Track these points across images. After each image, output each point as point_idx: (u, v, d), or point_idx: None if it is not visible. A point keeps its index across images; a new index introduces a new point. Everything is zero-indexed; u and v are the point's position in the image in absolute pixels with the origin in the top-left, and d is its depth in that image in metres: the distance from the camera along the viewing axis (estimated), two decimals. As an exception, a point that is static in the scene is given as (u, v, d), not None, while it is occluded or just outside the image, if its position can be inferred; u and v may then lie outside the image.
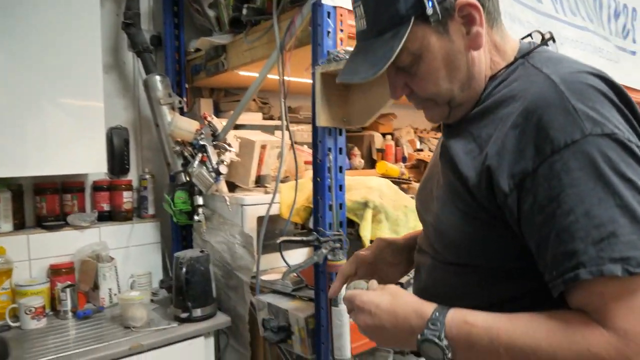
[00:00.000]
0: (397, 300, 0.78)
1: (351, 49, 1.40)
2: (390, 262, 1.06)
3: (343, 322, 1.47)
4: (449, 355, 0.70)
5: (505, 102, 0.76)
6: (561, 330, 0.64)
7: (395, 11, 0.77)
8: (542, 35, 0.85)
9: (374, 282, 0.88)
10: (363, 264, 1.09)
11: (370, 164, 2.83)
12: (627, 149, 0.65)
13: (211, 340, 1.89)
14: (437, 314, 0.72)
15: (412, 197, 2.13)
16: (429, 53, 0.79)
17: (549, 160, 0.66)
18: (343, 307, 1.47)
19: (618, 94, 0.69)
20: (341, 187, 1.47)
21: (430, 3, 0.75)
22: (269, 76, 1.78)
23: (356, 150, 2.79)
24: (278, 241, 1.49)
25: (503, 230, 0.73)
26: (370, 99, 1.39)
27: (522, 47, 0.84)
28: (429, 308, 0.74)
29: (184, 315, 1.82)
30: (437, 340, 0.70)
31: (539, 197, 0.67)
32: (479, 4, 0.77)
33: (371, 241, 1.56)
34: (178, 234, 2.32)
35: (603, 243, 0.62)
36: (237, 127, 2.23)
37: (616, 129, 0.65)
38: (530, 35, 0.88)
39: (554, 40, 0.85)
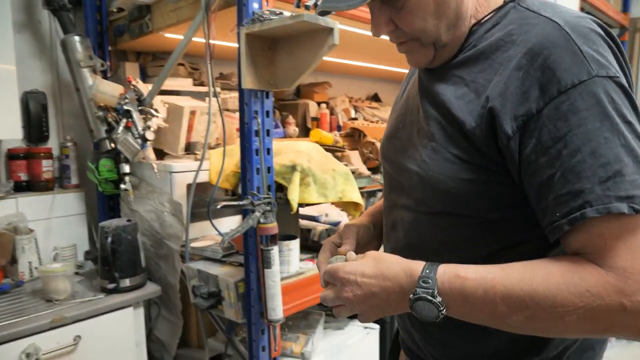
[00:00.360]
0: (382, 263, 0.74)
1: (277, 10, 1.38)
2: (364, 242, 1.00)
3: (276, 282, 1.48)
4: (444, 311, 0.68)
5: (503, 46, 0.74)
6: (558, 275, 0.63)
7: None
8: None
9: (352, 254, 0.84)
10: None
11: (305, 132, 2.83)
12: (627, 92, 0.67)
13: (141, 311, 1.85)
14: (427, 270, 0.70)
15: (345, 164, 2.15)
16: None
17: (554, 101, 0.65)
18: (276, 269, 1.47)
19: (613, 41, 0.70)
20: (269, 151, 1.46)
21: None
22: (196, 39, 1.72)
23: (291, 119, 2.77)
24: (218, 206, 1.47)
25: (502, 177, 0.72)
26: (296, 61, 1.37)
27: None
28: (417, 266, 0.71)
29: (111, 286, 1.77)
30: (430, 298, 0.68)
31: (543, 138, 0.66)
32: None
33: (300, 205, 1.57)
34: (104, 204, 2.24)
35: (609, 182, 0.62)
36: (167, 93, 2.15)
37: (618, 73, 0.67)
38: None
39: None
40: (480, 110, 0.72)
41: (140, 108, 1.90)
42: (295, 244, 1.64)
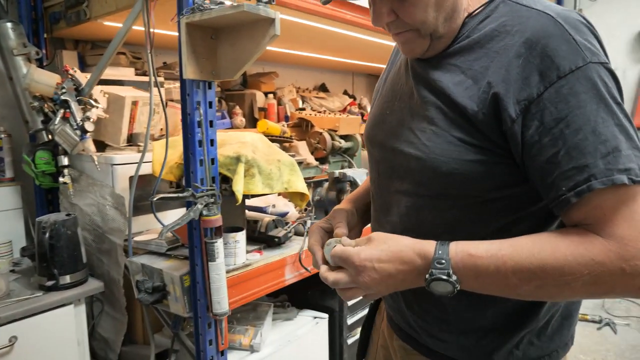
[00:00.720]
0: (395, 246, 0.78)
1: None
2: (350, 227, 1.01)
3: (220, 275, 1.46)
4: (458, 287, 0.74)
5: (497, 36, 0.79)
6: (565, 247, 0.69)
7: None
8: None
9: (345, 239, 0.86)
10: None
11: (252, 122, 2.81)
12: (615, 77, 0.74)
13: (82, 308, 1.79)
14: (440, 251, 0.75)
15: (291, 155, 2.16)
16: None
17: (555, 85, 0.71)
18: (220, 261, 1.46)
19: (596, 31, 0.77)
20: (212, 142, 1.44)
21: None
22: (137, 28, 1.67)
23: (238, 109, 2.74)
24: (155, 199, 1.43)
25: (503, 158, 0.78)
26: (238, 51, 1.36)
27: None
28: (429, 246, 0.76)
29: (50, 283, 1.70)
30: (446, 277, 0.73)
31: (546, 120, 0.72)
32: None
33: (245, 196, 1.56)
34: (42, 198, 2.15)
35: (609, 157, 0.68)
36: (109, 83, 2.07)
37: (607, 60, 0.74)
38: None
39: None
40: (482, 95, 0.77)
41: (78, 98, 1.83)
42: (241, 236, 1.63)
